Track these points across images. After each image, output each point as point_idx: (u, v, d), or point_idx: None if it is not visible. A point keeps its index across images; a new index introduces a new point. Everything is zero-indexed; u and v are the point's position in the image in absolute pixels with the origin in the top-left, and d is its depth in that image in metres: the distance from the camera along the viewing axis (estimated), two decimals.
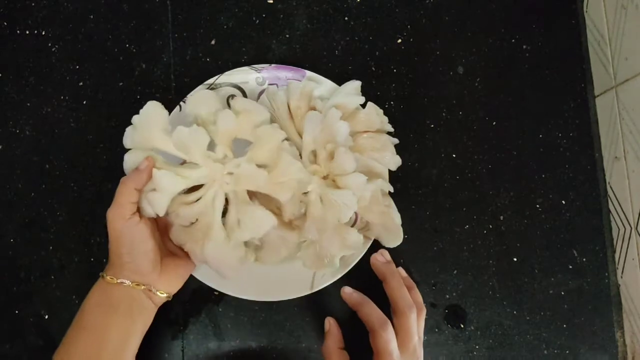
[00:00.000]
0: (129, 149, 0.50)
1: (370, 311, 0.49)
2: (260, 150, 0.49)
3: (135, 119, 0.50)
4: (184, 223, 0.50)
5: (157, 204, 0.48)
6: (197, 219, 0.50)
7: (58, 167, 0.59)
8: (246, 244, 0.50)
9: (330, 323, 0.52)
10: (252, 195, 0.50)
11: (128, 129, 0.50)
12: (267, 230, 0.49)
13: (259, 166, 0.49)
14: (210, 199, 0.49)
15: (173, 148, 0.49)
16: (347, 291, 0.52)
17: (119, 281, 0.47)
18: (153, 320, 0.49)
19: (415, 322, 0.50)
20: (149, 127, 0.49)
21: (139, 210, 0.48)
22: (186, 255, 0.51)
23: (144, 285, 0.48)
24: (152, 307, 0.49)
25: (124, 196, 0.47)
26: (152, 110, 0.50)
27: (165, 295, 0.49)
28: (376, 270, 0.53)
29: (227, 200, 0.50)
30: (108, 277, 0.47)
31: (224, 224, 0.49)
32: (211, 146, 0.50)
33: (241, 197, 0.49)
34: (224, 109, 0.50)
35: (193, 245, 0.49)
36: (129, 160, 0.49)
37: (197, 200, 0.50)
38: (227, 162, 0.50)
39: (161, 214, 0.48)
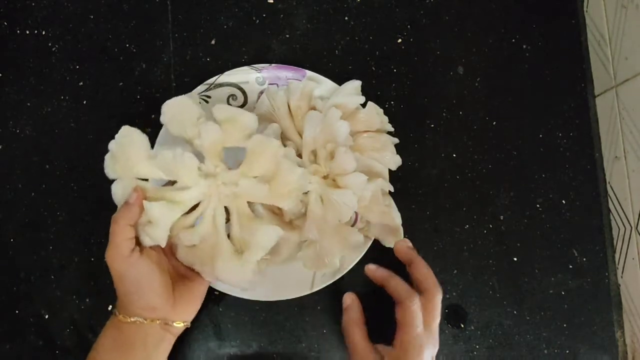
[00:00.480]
0: (114, 179, 0.47)
1: (398, 283, 0.49)
2: (257, 162, 0.47)
3: (112, 146, 0.47)
4: (188, 244, 0.48)
5: (156, 236, 0.46)
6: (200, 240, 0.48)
7: (58, 167, 0.59)
8: None
9: (352, 298, 0.51)
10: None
11: (107, 158, 0.47)
12: (275, 243, 0.47)
13: (256, 177, 0.47)
14: (210, 217, 0.47)
15: (159, 173, 0.47)
16: (372, 267, 0.51)
17: (132, 320, 0.45)
18: None
19: (440, 302, 0.49)
20: (129, 155, 0.46)
21: (138, 242, 0.46)
22: (198, 274, 0.50)
23: (158, 319, 0.46)
24: (170, 337, 0.48)
25: (119, 235, 0.44)
26: (128, 136, 0.46)
27: (182, 324, 0.48)
28: (402, 254, 0.52)
29: (226, 209, 0.48)
30: (120, 316, 0.46)
31: (228, 237, 0.48)
32: (200, 157, 0.48)
33: (242, 212, 0.47)
34: (206, 122, 0.47)
35: (203, 267, 0.48)
36: (117, 192, 0.47)
37: (197, 217, 0.47)
38: (220, 174, 0.47)
39: (163, 245, 0.46)
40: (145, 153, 0.46)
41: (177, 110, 0.48)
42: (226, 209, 0.48)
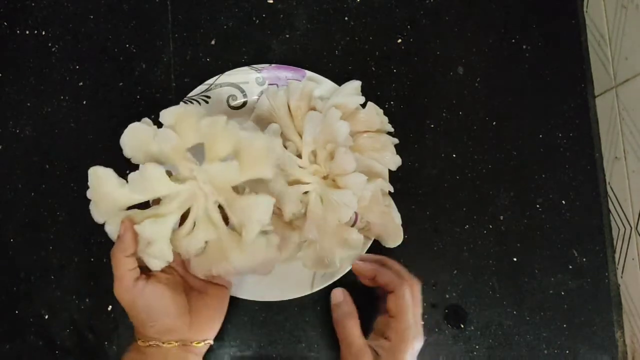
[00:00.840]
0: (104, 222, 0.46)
1: (387, 272, 0.48)
2: (215, 144, 0.46)
3: (89, 194, 0.46)
4: (196, 252, 0.47)
5: (161, 254, 0.45)
6: (205, 242, 0.47)
7: (58, 167, 0.59)
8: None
9: (343, 293, 0.50)
10: (240, 190, 0.48)
11: (90, 206, 0.46)
12: (271, 211, 0.45)
13: (223, 159, 0.46)
14: (204, 217, 0.46)
15: (137, 196, 0.46)
16: (360, 262, 0.50)
17: (149, 344, 0.45)
18: None
19: (420, 292, 0.48)
20: (105, 193, 0.45)
21: (146, 269, 0.46)
22: (215, 288, 0.49)
23: (176, 341, 0.45)
24: (194, 357, 0.47)
25: (119, 268, 0.44)
26: (95, 176, 0.45)
27: (203, 344, 0.47)
28: (363, 272, 0.50)
29: (220, 206, 0.47)
30: (139, 342, 0.45)
31: (231, 228, 0.47)
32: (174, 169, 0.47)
33: (229, 197, 0.46)
34: (156, 132, 0.46)
35: (219, 267, 0.47)
36: (112, 231, 0.46)
37: (193, 222, 0.47)
38: (197, 173, 0.46)
39: (170, 259, 0.45)
40: (116, 184, 0.45)
41: (132, 139, 0.47)
42: (221, 207, 0.47)
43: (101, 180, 0.45)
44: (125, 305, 0.45)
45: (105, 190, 0.45)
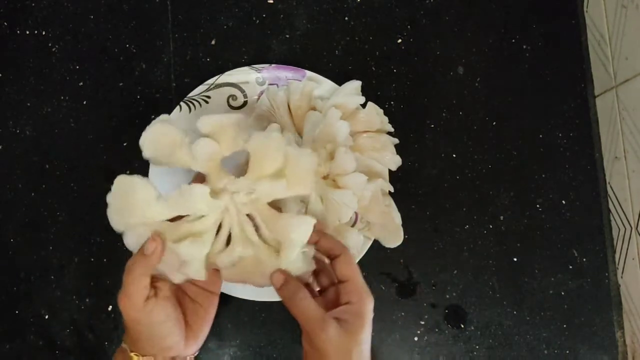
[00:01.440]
0: (123, 231, 0.44)
1: (330, 238, 0.45)
2: (264, 161, 0.44)
3: (110, 199, 0.44)
4: (230, 265, 0.45)
5: (194, 273, 0.43)
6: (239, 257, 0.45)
7: (58, 167, 0.59)
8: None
9: (284, 273, 0.44)
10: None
11: (109, 213, 0.44)
12: (311, 231, 0.43)
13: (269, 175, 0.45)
14: (240, 233, 0.44)
15: (173, 212, 0.43)
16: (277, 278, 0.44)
17: (144, 359, 0.43)
18: None
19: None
20: (135, 203, 0.43)
21: (154, 285, 0.43)
22: (206, 295, 0.47)
23: (171, 358, 0.44)
24: None
25: (132, 285, 0.41)
26: (128, 184, 0.43)
27: (191, 354, 0.46)
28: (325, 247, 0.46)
29: (249, 216, 0.45)
30: (133, 355, 0.43)
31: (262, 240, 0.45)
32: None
33: (265, 214, 0.45)
34: (195, 140, 0.44)
35: (254, 280, 0.45)
36: (132, 243, 0.43)
37: (226, 236, 0.45)
38: (229, 185, 0.44)
39: (204, 278, 0.44)
40: (152, 196, 0.43)
41: (156, 140, 0.45)
42: (249, 216, 0.45)
43: (135, 189, 0.43)
44: (129, 322, 0.42)
45: (135, 199, 0.43)
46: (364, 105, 0.55)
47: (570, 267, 0.59)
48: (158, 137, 0.45)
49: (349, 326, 0.42)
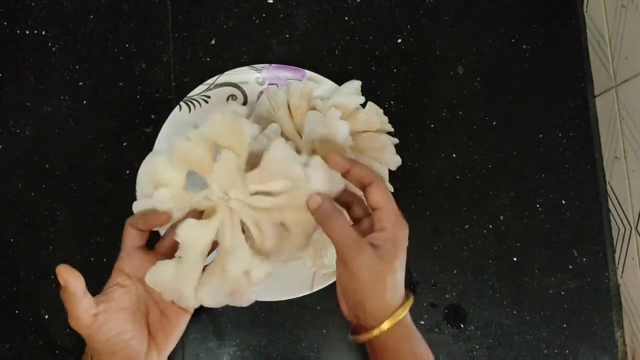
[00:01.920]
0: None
1: (362, 166, 0.43)
2: (273, 176, 0.43)
3: (146, 168, 0.45)
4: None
5: (192, 263, 0.42)
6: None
7: (58, 167, 0.59)
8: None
9: (321, 195, 0.42)
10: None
11: (141, 179, 0.45)
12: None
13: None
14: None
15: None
16: (335, 155, 0.43)
17: None
18: None
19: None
20: (162, 180, 0.44)
21: (106, 297, 0.42)
22: (177, 309, 0.45)
23: None
24: None
25: (76, 309, 0.40)
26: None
27: None
28: (335, 163, 0.43)
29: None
30: None
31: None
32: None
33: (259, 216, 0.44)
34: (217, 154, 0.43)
35: (289, 217, 0.44)
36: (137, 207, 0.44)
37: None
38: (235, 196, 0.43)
39: (200, 267, 0.43)
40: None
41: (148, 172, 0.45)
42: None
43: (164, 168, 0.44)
44: (83, 336, 0.41)
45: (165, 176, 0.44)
46: (364, 105, 0.55)
47: (570, 267, 0.59)
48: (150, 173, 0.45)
49: (383, 252, 0.41)
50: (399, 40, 0.63)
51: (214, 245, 0.44)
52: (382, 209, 0.42)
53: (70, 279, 0.40)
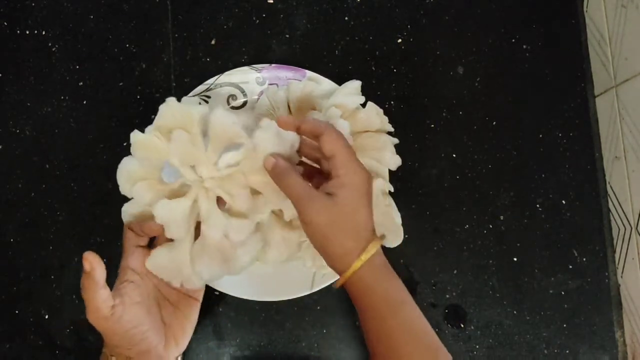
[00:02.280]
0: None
1: (311, 120, 0.44)
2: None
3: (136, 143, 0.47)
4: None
5: (175, 233, 0.45)
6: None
7: (58, 167, 0.59)
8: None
9: (274, 156, 0.44)
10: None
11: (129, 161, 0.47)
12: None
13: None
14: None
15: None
16: (282, 116, 0.46)
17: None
18: None
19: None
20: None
21: (120, 292, 0.44)
22: (187, 299, 0.48)
23: None
24: None
25: (94, 301, 0.41)
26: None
27: (173, 357, 0.46)
28: (285, 124, 0.45)
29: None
30: (113, 358, 0.44)
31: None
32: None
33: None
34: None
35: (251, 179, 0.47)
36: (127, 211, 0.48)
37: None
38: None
39: (182, 236, 0.46)
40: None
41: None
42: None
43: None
44: (101, 332, 0.43)
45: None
46: (364, 105, 0.55)
47: (570, 267, 0.59)
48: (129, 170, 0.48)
49: (338, 199, 0.41)
50: (399, 40, 0.63)
51: (199, 225, 0.47)
52: (335, 157, 0.42)
53: (97, 267, 0.42)
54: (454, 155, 0.60)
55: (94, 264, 0.42)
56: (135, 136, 0.47)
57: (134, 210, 0.47)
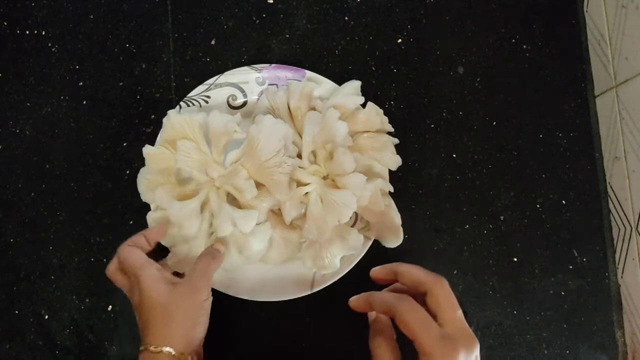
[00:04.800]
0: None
1: (411, 268, 0.39)
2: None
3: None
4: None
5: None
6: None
7: (58, 167, 0.59)
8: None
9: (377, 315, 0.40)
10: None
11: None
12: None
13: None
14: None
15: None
16: (376, 268, 0.42)
17: (166, 350, 0.43)
18: None
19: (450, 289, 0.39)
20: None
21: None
22: (203, 288, 0.47)
23: (189, 355, 0.44)
24: None
25: (202, 281, 0.45)
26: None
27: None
28: (381, 276, 0.42)
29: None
30: (152, 347, 0.43)
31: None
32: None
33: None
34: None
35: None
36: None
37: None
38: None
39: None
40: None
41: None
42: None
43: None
44: (188, 315, 0.44)
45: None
46: (364, 105, 0.55)
47: (570, 267, 0.59)
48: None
49: None
50: (399, 40, 0.63)
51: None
52: (415, 342, 0.36)
53: (219, 250, 0.49)
54: (454, 155, 0.60)
55: (221, 250, 0.49)
56: (147, 150, 0.53)
57: (157, 215, 0.52)
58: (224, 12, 0.62)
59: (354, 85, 0.56)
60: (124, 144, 0.59)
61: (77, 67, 0.61)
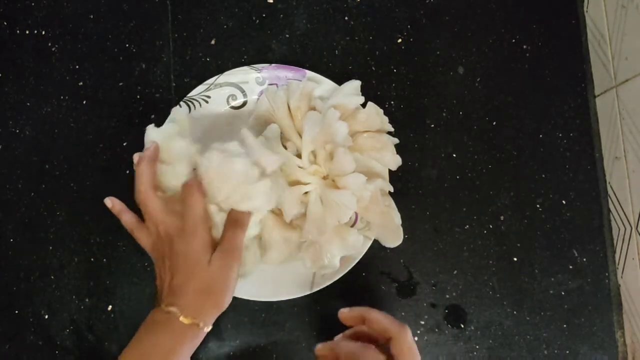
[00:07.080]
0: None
1: (379, 316, 0.44)
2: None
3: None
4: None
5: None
6: None
7: (58, 167, 0.59)
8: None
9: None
10: None
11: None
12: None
13: None
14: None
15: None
16: (345, 310, 0.46)
17: (198, 322, 0.44)
18: None
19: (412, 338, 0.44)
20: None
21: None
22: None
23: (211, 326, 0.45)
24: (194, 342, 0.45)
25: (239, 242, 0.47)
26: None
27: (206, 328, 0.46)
28: (349, 320, 0.47)
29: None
30: (182, 317, 0.43)
31: None
32: None
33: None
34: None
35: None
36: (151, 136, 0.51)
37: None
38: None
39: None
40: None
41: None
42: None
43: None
44: (225, 279, 0.45)
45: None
46: (364, 105, 0.55)
47: (570, 267, 0.59)
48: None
49: None
50: (399, 40, 0.63)
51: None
52: None
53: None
54: (454, 155, 0.60)
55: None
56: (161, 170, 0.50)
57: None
58: (224, 12, 0.62)
59: (354, 85, 0.56)
60: (124, 144, 0.59)
61: (77, 67, 0.61)
